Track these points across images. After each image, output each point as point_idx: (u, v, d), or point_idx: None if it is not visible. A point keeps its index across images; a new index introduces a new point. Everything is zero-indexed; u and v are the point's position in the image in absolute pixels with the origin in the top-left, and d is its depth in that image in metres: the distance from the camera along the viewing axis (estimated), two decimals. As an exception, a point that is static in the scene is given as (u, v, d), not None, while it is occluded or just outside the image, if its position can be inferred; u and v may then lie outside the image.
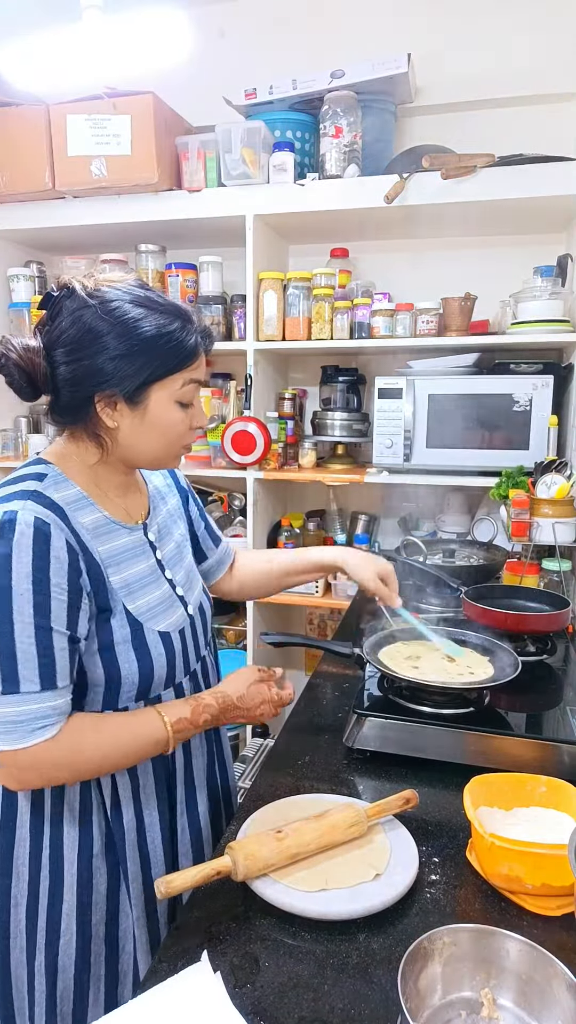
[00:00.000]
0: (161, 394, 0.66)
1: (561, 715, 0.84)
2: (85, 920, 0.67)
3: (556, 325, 1.41)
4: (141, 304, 0.65)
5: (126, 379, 0.64)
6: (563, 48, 1.51)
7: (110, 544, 0.68)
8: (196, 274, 1.68)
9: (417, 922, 0.57)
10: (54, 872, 0.66)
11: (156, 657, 0.69)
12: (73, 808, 0.67)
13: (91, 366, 0.64)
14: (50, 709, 0.61)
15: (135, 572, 0.70)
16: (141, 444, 0.68)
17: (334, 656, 0.96)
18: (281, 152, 1.50)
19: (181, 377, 0.67)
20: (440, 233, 1.66)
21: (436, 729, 0.79)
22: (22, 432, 1.85)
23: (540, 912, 0.58)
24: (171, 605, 0.74)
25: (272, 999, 0.50)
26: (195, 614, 0.78)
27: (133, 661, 0.67)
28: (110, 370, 0.64)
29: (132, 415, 0.66)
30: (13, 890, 0.67)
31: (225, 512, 1.81)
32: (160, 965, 0.54)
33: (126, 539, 0.71)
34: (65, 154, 1.55)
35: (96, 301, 0.64)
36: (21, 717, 0.60)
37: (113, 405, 0.66)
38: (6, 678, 0.60)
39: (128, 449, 0.68)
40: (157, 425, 0.67)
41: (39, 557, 0.60)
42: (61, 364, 0.64)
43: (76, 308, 0.64)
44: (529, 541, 1.27)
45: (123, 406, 0.66)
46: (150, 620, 0.70)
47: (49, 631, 0.61)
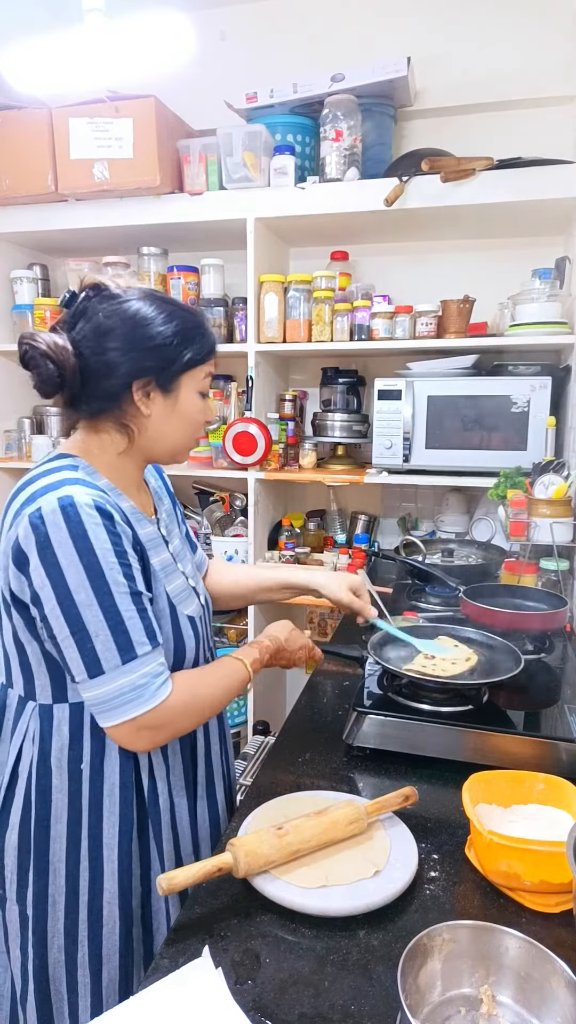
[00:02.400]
0: (190, 383, 0.71)
1: (559, 713, 0.84)
2: (126, 903, 0.69)
3: (554, 327, 1.42)
4: (168, 301, 0.70)
5: (164, 366, 0.69)
6: (562, 52, 1.52)
7: (143, 530, 0.72)
8: (198, 276, 1.69)
9: (417, 919, 0.58)
10: (94, 861, 0.68)
11: (187, 639, 0.74)
12: (113, 790, 0.68)
13: (129, 353, 0.67)
14: (161, 666, 0.65)
15: (161, 560, 0.74)
16: (168, 432, 0.72)
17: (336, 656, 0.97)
18: (282, 155, 1.51)
19: (204, 369, 0.72)
20: (439, 236, 1.67)
21: (435, 727, 0.79)
22: (26, 433, 1.86)
23: (538, 909, 0.59)
24: (190, 594, 0.78)
25: (273, 995, 0.50)
26: (205, 604, 0.82)
27: (171, 640, 0.71)
28: (146, 358, 0.67)
29: (164, 403, 0.70)
30: (50, 888, 0.68)
31: (226, 512, 1.82)
32: (161, 961, 0.54)
33: (150, 528, 0.74)
34: (67, 157, 1.55)
35: (130, 295, 0.69)
36: (145, 679, 0.63)
37: (147, 393, 0.69)
38: (122, 648, 0.62)
39: (154, 438, 0.72)
40: (184, 413, 0.72)
41: (111, 532, 0.63)
42: (99, 353, 0.67)
43: (112, 303, 0.68)
44: (527, 541, 1.28)
45: (156, 394, 0.70)
46: (181, 603, 0.75)
47: (140, 595, 0.65)
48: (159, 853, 0.72)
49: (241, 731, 1.77)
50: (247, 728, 1.72)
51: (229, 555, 1.72)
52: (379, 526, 1.85)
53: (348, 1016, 0.49)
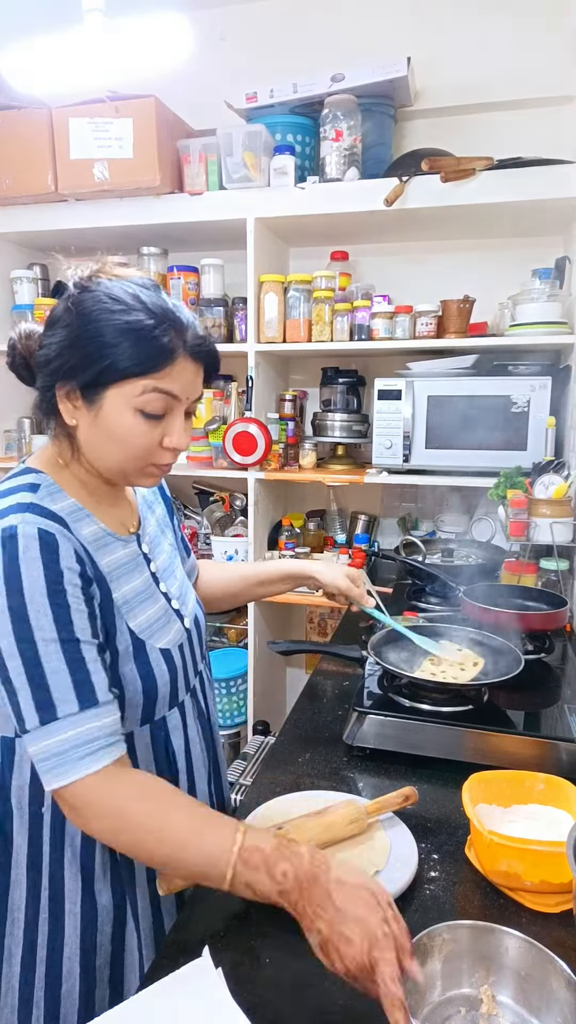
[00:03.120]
0: (117, 397, 0.60)
1: (559, 713, 0.84)
2: (89, 962, 0.62)
3: (554, 327, 1.42)
4: (122, 300, 0.59)
5: (79, 370, 0.59)
6: (561, 52, 1.52)
7: (109, 558, 0.64)
8: (197, 276, 1.69)
9: (416, 918, 0.58)
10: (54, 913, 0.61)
11: (159, 676, 0.65)
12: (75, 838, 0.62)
13: (54, 351, 0.60)
14: (97, 730, 0.55)
15: (133, 587, 0.66)
16: (100, 449, 0.62)
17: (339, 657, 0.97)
18: (282, 155, 1.51)
19: (142, 383, 0.59)
20: (439, 236, 1.67)
21: (435, 727, 0.79)
22: (25, 433, 1.86)
23: (538, 909, 0.59)
24: (168, 620, 0.70)
25: (273, 995, 0.50)
26: (191, 627, 0.74)
27: (137, 681, 0.63)
28: (67, 357, 0.59)
29: (88, 414, 0.61)
30: (7, 940, 0.62)
31: (226, 512, 1.82)
32: (162, 960, 0.54)
33: (121, 552, 0.67)
34: (67, 157, 1.55)
35: (77, 290, 0.61)
36: (65, 746, 0.53)
37: (73, 399, 0.61)
38: (41, 706, 0.54)
39: (90, 453, 0.63)
40: (111, 431, 0.61)
41: (49, 567, 0.55)
42: (42, 347, 0.62)
43: (64, 295, 0.62)
44: (527, 541, 1.28)
45: (81, 402, 0.61)
46: (151, 637, 0.66)
47: (76, 643, 0.56)
48: (133, 909, 0.65)
49: (241, 731, 1.77)
50: (247, 728, 1.72)
51: (229, 555, 1.72)
52: (379, 526, 1.85)
53: (349, 1016, 0.49)
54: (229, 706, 1.76)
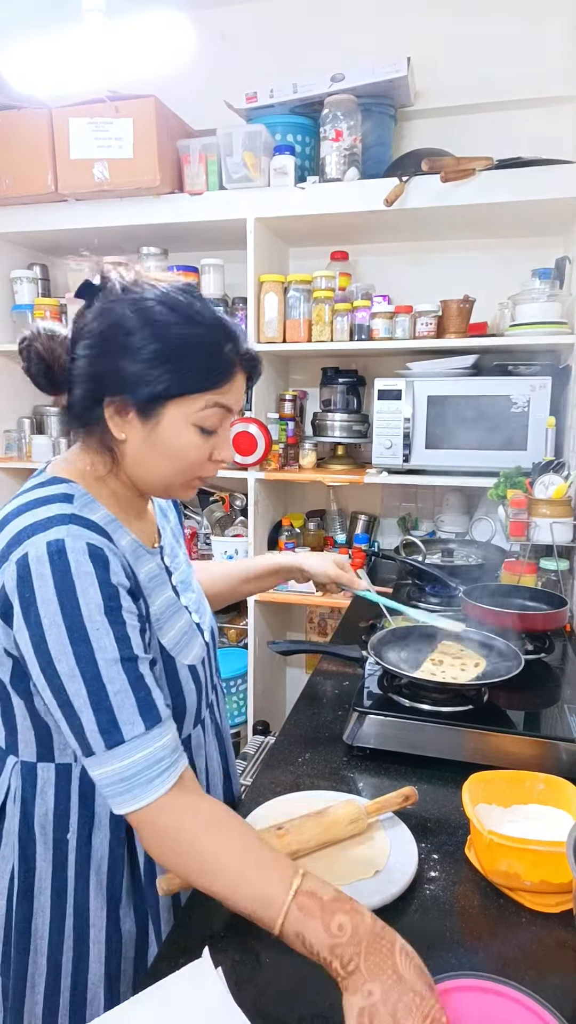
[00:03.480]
0: (177, 413, 0.58)
1: (559, 713, 0.84)
2: (114, 989, 0.61)
3: (554, 327, 1.42)
4: (177, 309, 0.57)
5: (140, 386, 0.56)
6: (561, 52, 1.52)
7: (143, 569, 0.63)
8: (197, 277, 1.69)
9: (416, 919, 0.58)
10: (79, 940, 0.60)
11: (188, 693, 0.64)
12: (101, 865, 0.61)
13: (107, 364, 0.56)
14: (161, 749, 0.53)
15: (162, 602, 0.65)
16: (148, 464, 0.60)
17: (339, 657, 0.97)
18: (282, 155, 1.51)
19: (204, 398, 0.58)
20: (439, 236, 1.67)
21: (435, 726, 0.79)
22: (25, 433, 1.86)
23: (538, 909, 0.59)
24: (193, 635, 0.68)
25: (273, 996, 0.50)
26: (210, 641, 0.73)
27: (168, 698, 0.61)
28: (125, 373, 0.56)
29: (142, 429, 0.58)
30: (30, 968, 0.61)
31: (226, 512, 1.82)
32: (161, 961, 0.54)
33: (152, 565, 0.65)
34: (67, 157, 1.55)
35: (129, 296, 0.58)
36: (136, 767, 0.51)
37: (124, 413, 0.58)
38: (106, 730, 0.52)
39: (135, 468, 0.61)
40: (167, 446, 0.59)
41: (104, 584, 0.53)
42: (80, 357, 0.58)
43: (108, 300, 0.58)
44: (527, 541, 1.28)
45: (134, 416, 0.58)
46: (179, 654, 0.65)
47: (135, 661, 0.54)
48: (156, 933, 0.64)
49: (241, 731, 1.77)
50: (247, 728, 1.72)
51: (229, 555, 1.72)
52: (379, 526, 1.85)
53: (348, 1016, 0.49)
54: (229, 706, 1.76)
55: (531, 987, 0.48)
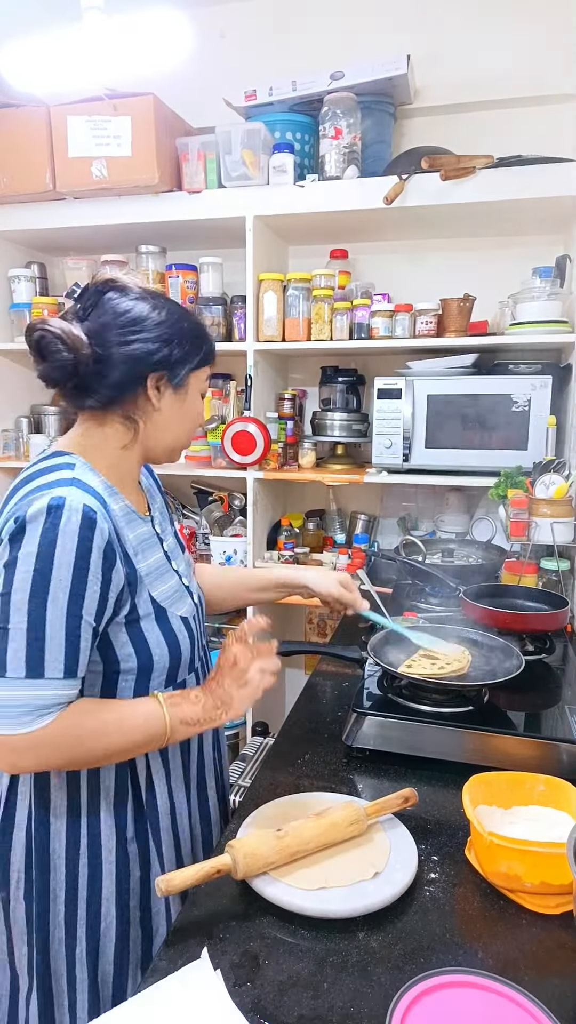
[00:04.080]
0: (195, 382, 0.74)
1: (560, 714, 0.84)
2: (124, 904, 0.69)
3: (554, 326, 1.42)
4: (169, 304, 0.72)
5: (176, 363, 0.70)
6: (562, 49, 1.51)
7: (134, 532, 0.71)
8: (196, 275, 1.68)
9: (416, 920, 0.58)
10: (92, 860, 0.68)
11: (182, 640, 0.72)
12: (109, 794, 0.69)
13: (147, 348, 0.68)
14: (63, 697, 0.61)
15: (154, 561, 0.73)
16: (172, 427, 0.73)
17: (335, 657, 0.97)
18: (281, 153, 1.51)
19: (206, 370, 0.75)
20: (439, 234, 1.67)
21: (435, 728, 0.79)
22: (23, 432, 1.86)
23: (539, 910, 0.58)
24: (183, 594, 0.77)
25: (272, 997, 0.50)
26: (198, 603, 0.81)
27: (163, 645, 0.70)
28: (170, 351, 0.69)
29: (174, 397, 0.72)
30: (52, 883, 0.69)
31: (225, 512, 1.81)
32: (160, 963, 0.54)
33: (143, 528, 0.74)
34: (66, 155, 1.55)
35: (147, 294, 0.71)
36: (35, 702, 0.60)
37: (159, 387, 0.71)
38: (31, 662, 0.60)
39: (158, 433, 0.73)
40: (191, 410, 0.74)
41: (82, 545, 0.61)
42: (123, 343, 0.67)
43: (133, 295, 0.69)
44: (528, 541, 1.27)
45: (167, 389, 0.71)
46: (171, 606, 0.73)
47: (79, 620, 0.61)
48: (159, 855, 0.72)
49: (240, 732, 1.77)
50: (246, 729, 1.72)
51: (228, 555, 1.71)
52: (379, 526, 1.85)
53: (347, 1018, 0.48)
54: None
55: (531, 988, 0.48)
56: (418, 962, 0.53)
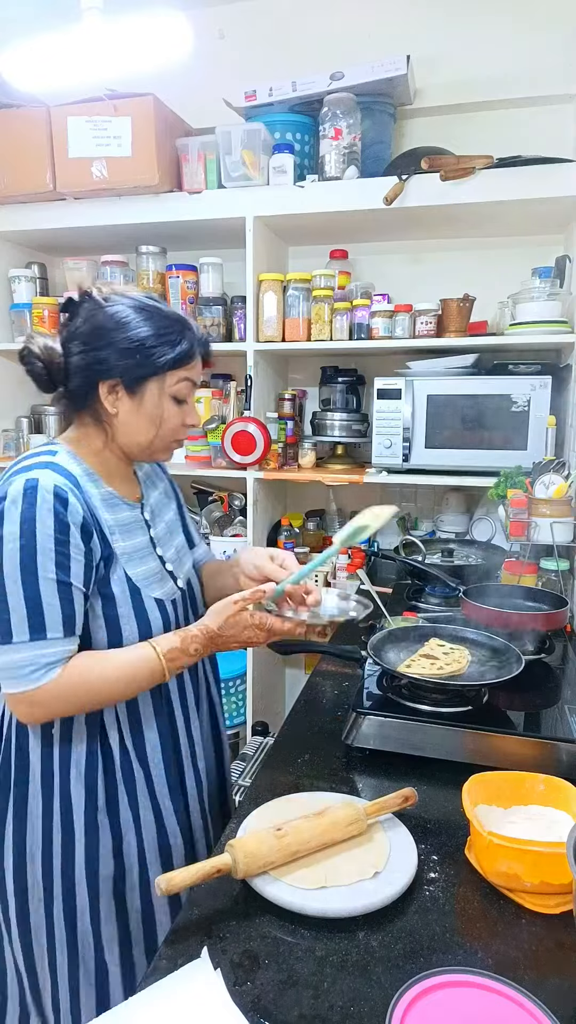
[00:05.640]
0: (156, 388, 0.75)
1: (559, 714, 0.84)
2: (93, 872, 0.73)
3: (554, 326, 1.42)
4: (144, 310, 0.74)
5: (126, 370, 0.73)
6: (561, 50, 1.51)
7: (115, 516, 0.76)
8: (196, 275, 1.68)
9: (416, 920, 0.58)
10: (65, 824, 0.73)
11: (154, 620, 0.76)
12: (79, 762, 0.73)
13: (99, 356, 0.73)
14: (65, 652, 0.69)
15: (133, 544, 0.78)
16: (136, 431, 0.76)
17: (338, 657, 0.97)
18: (281, 154, 1.51)
19: (175, 375, 0.76)
20: (439, 234, 1.67)
21: (435, 727, 0.79)
22: (23, 432, 1.86)
23: (539, 910, 0.58)
24: (163, 577, 0.81)
25: (272, 996, 0.50)
26: (185, 588, 0.85)
27: (133, 624, 0.74)
28: (114, 361, 0.73)
29: (130, 402, 0.75)
30: (28, 843, 0.74)
31: (225, 512, 1.81)
32: (160, 962, 0.54)
33: (127, 513, 0.79)
34: (66, 156, 1.55)
35: (108, 304, 0.74)
36: (42, 660, 0.67)
37: (116, 392, 0.74)
38: (33, 626, 0.67)
39: (125, 435, 0.76)
40: (150, 415, 0.76)
41: (59, 519, 0.68)
42: (76, 354, 0.74)
43: (92, 308, 0.74)
44: (527, 541, 1.27)
45: (123, 394, 0.74)
46: (147, 587, 0.77)
47: (69, 586, 0.68)
48: (135, 822, 0.76)
49: (240, 732, 1.77)
50: (246, 729, 1.72)
51: (228, 555, 1.71)
52: (378, 526, 1.85)
53: (347, 1017, 0.48)
54: (228, 707, 1.76)
55: (531, 988, 0.48)
56: (418, 962, 0.53)
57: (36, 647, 0.67)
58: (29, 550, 0.66)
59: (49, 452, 0.73)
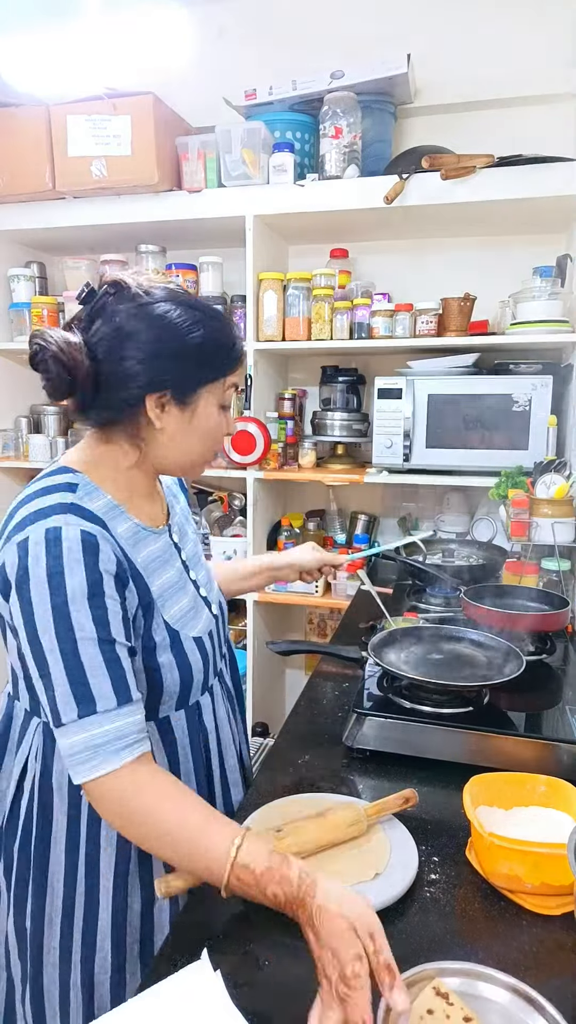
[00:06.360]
0: (209, 396, 0.66)
1: (560, 714, 0.84)
2: (120, 938, 0.66)
3: (555, 325, 1.41)
4: (192, 307, 0.64)
5: (181, 380, 0.64)
6: (562, 49, 1.51)
7: (143, 552, 0.67)
8: (196, 274, 1.68)
9: (417, 921, 0.57)
10: (90, 889, 0.65)
11: (194, 663, 0.69)
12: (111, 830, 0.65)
13: (153, 363, 0.62)
14: (132, 725, 0.57)
15: (167, 579, 0.69)
16: (182, 447, 0.67)
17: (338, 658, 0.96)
18: (281, 153, 1.51)
19: (228, 380, 0.68)
20: (439, 233, 1.66)
21: (436, 728, 0.79)
22: (23, 432, 1.85)
23: (539, 911, 0.58)
24: (199, 609, 0.73)
25: (272, 998, 0.50)
26: (218, 614, 0.78)
27: (175, 669, 0.67)
28: (171, 369, 0.63)
29: (180, 416, 0.65)
30: (48, 908, 0.66)
31: (225, 512, 1.81)
32: (160, 964, 0.54)
33: (155, 545, 0.69)
34: (65, 155, 1.55)
35: (150, 301, 0.63)
36: (105, 738, 0.55)
37: (162, 406, 0.64)
38: (80, 700, 0.55)
39: (166, 452, 0.67)
40: (200, 428, 0.67)
41: (91, 570, 0.57)
42: (117, 360, 0.61)
43: (135, 304, 0.62)
44: (528, 541, 1.27)
45: (172, 407, 0.64)
46: (184, 627, 0.69)
47: (113, 643, 0.58)
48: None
49: (241, 731, 1.77)
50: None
51: (228, 555, 1.71)
52: (379, 526, 1.85)
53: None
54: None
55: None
56: (418, 963, 0.53)
57: (84, 727, 0.55)
58: (62, 611, 0.55)
59: (68, 487, 0.62)
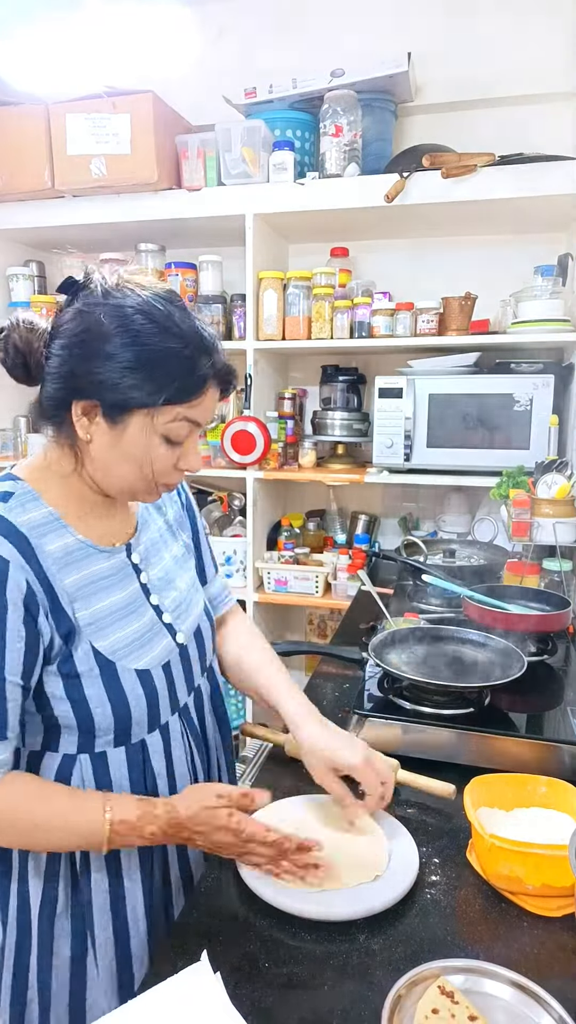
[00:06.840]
0: (144, 421, 0.58)
1: (562, 715, 0.84)
2: (45, 984, 0.62)
3: (556, 324, 1.41)
4: (156, 319, 0.56)
5: (110, 392, 0.56)
6: (563, 47, 1.50)
7: (80, 573, 0.61)
8: (196, 273, 1.68)
9: (417, 923, 0.57)
10: (21, 927, 0.62)
11: (134, 699, 0.61)
12: (39, 861, 0.62)
13: (80, 366, 0.57)
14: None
15: (108, 604, 0.63)
16: (112, 467, 0.60)
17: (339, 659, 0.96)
18: (281, 151, 1.50)
19: (173, 411, 0.58)
20: (440, 232, 1.66)
21: (436, 729, 0.79)
22: (21, 432, 1.85)
23: (540, 913, 0.58)
24: (153, 637, 0.65)
25: (272, 1000, 0.50)
26: (188, 642, 0.69)
27: (106, 704, 0.60)
28: (96, 377, 0.56)
29: (108, 433, 0.58)
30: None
31: (224, 512, 1.81)
32: (160, 965, 0.54)
33: (102, 565, 0.63)
34: (65, 153, 1.54)
35: (110, 301, 0.57)
36: None
37: (91, 416, 0.58)
38: None
39: (98, 470, 0.61)
40: (131, 453, 0.59)
41: None
42: (53, 355, 0.58)
43: (87, 302, 0.58)
44: (530, 541, 1.27)
45: (101, 420, 0.58)
46: (125, 657, 0.62)
47: (2, 681, 0.55)
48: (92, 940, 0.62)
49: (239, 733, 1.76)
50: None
51: (227, 556, 1.71)
52: (380, 526, 1.84)
53: (348, 1020, 0.48)
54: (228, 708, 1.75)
55: (534, 994, 0.47)
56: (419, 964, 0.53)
57: None
58: None
59: (3, 496, 0.58)
